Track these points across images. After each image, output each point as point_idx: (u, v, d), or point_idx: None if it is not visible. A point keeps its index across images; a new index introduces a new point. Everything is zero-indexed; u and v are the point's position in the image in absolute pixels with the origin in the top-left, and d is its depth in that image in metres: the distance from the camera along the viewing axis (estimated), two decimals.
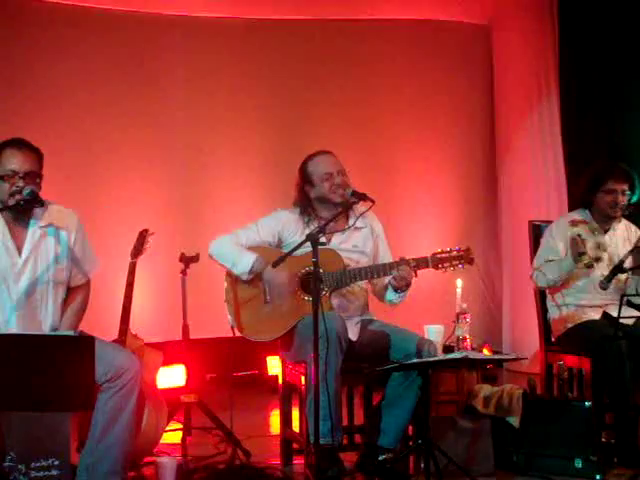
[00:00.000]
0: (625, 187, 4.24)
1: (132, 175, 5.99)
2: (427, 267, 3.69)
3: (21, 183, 3.29)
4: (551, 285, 4.29)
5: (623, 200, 4.25)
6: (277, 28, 6.33)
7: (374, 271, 3.73)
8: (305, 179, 3.87)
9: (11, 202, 3.30)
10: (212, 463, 3.93)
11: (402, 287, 3.72)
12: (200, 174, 6.18)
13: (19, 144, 3.35)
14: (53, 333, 3.36)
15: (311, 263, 3.37)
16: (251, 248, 3.82)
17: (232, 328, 3.81)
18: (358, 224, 3.85)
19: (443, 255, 3.69)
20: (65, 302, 3.48)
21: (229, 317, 3.82)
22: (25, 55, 5.74)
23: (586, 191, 4.35)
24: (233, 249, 3.81)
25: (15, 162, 3.30)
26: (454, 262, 3.69)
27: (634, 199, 4.28)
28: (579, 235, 4.12)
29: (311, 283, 3.51)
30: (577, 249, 4.07)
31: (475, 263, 3.76)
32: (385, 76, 6.53)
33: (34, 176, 3.33)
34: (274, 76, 6.31)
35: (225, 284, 3.85)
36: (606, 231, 4.35)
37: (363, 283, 3.86)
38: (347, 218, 3.88)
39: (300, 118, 6.34)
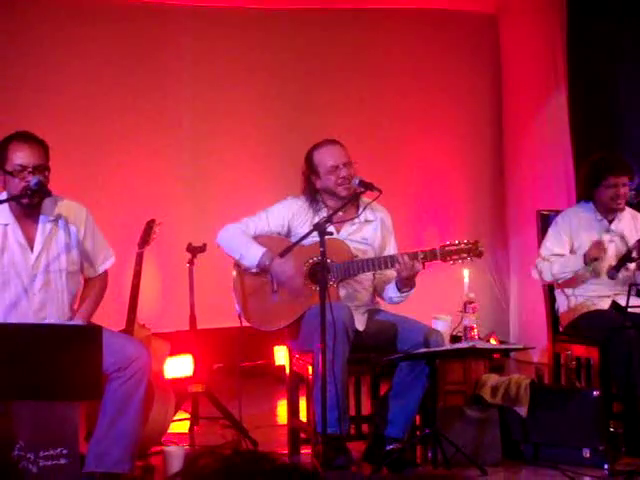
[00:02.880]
0: (625, 179, 4.25)
1: (139, 165, 5.98)
2: (436, 259, 3.66)
3: (30, 177, 3.29)
4: (553, 280, 4.28)
5: (624, 192, 4.25)
6: (284, 17, 6.30)
7: (381, 262, 3.72)
8: (311, 169, 3.84)
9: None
10: (218, 448, 3.95)
11: (406, 283, 3.68)
12: (207, 164, 6.18)
13: (25, 137, 3.34)
14: (62, 323, 3.37)
15: (319, 253, 3.36)
16: (260, 237, 3.81)
17: (239, 317, 3.81)
18: (369, 217, 3.84)
19: (452, 247, 3.65)
20: (83, 292, 3.51)
21: (237, 306, 3.82)
22: (30, 47, 5.72)
23: (587, 186, 4.36)
24: (241, 240, 3.79)
25: (23, 157, 3.29)
26: (462, 255, 3.65)
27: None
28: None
29: (318, 273, 3.50)
30: (596, 253, 4.07)
31: (482, 253, 3.74)
32: (392, 66, 6.50)
33: (42, 169, 3.33)
34: (281, 65, 6.29)
35: (233, 273, 3.85)
36: (611, 221, 4.34)
37: (370, 274, 3.86)
38: (357, 208, 3.87)
39: (307, 107, 6.32)
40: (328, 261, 3.54)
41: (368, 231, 3.87)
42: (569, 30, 6.26)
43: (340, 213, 3.72)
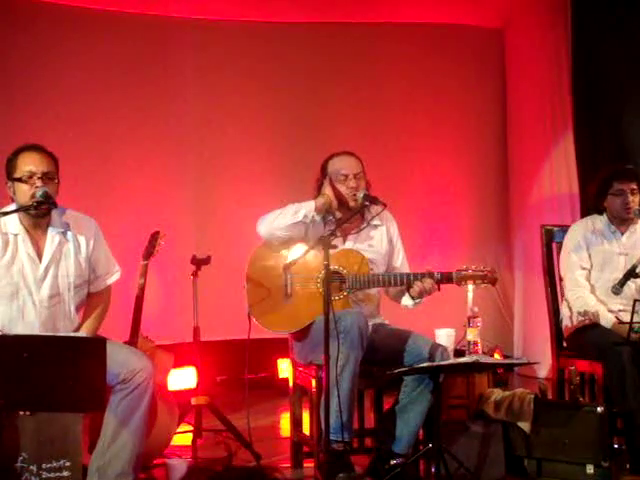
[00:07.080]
0: (633, 186, 4.25)
1: (143, 177, 6.00)
2: (451, 282, 3.74)
3: (40, 183, 3.31)
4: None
5: (634, 199, 4.25)
6: (290, 30, 6.34)
7: (397, 279, 3.76)
8: (324, 176, 3.89)
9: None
10: (210, 464, 3.95)
11: (419, 295, 3.75)
12: (212, 176, 6.19)
13: (35, 147, 3.40)
14: (66, 334, 3.37)
15: (337, 262, 3.41)
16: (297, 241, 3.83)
17: (249, 317, 3.79)
18: (374, 222, 3.89)
19: (468, 273, 3.74)
20: (86, 307, 3.51)
21: (247, 306, 3.80)
22: (35, 59, 5.75)
23: (596, 197, 4.36)
24: (286, 208, 3.80)
25: (31, 163, 3.34)
26: (477, 281, 3.74)
27: None
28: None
29: (332, 282, 3.52)
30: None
31: (497, 280, 3.79)
32: (398, 79, 6.52)
33: (51, 176, 3.36)
34: (286, 78, 6.32)
35: (247, 271, 3.81)
36: (623, 233, 4.33)
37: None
38: (362, 218, 3.90)
39: (312, 120, 6.34)
40: (344, 271, 3.68)
41: (374, 237, 3.92)
42: (574, 43, 6.27)
43: (347, 224, 3.77)
